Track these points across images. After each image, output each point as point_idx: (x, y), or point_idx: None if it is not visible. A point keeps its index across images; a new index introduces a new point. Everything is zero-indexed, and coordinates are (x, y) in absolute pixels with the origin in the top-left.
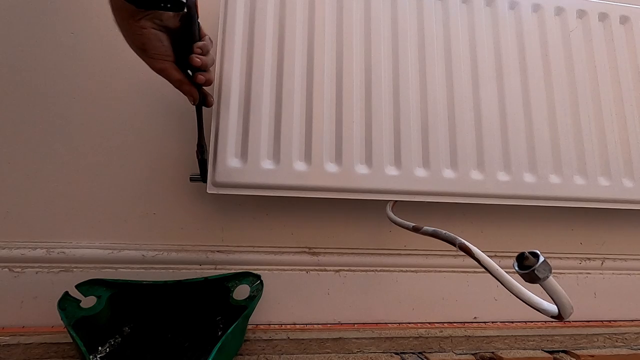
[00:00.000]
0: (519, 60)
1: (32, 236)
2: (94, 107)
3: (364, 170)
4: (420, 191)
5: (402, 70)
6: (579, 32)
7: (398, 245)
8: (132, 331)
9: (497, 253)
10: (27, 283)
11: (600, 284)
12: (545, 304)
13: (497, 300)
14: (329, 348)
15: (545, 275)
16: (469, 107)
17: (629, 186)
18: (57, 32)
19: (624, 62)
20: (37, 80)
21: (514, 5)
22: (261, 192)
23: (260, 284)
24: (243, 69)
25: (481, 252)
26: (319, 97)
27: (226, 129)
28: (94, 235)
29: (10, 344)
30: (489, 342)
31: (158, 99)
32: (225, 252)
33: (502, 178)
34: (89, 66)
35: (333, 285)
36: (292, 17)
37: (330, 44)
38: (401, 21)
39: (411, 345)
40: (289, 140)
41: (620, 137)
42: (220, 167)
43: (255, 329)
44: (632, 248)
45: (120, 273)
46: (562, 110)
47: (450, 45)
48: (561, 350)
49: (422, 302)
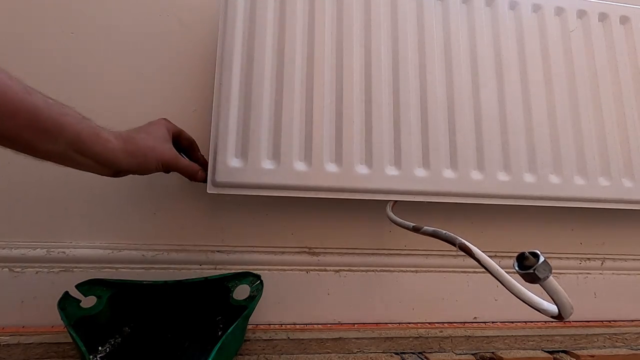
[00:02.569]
0: (519, 60)
1: (32, 236)
2: (94, 107)
3: (364, 170)
4: (420, 191)
5: (402, 70)
6: (579, 32)
7: (398, 245)
8: (132, 331)
9: (497, 253)
10: (27, 283)
11: (600, 284)
12: (545, 304)
13: (497, 300)
14: (329, 348)
15: (545, 275)
16: (469, 107)
17: (629, 186)
18: (58, 32)
19: (624, 62)
20: (37, 80)
21: (514, 5)
22: (261, 192)
23: (260, 284)
24: (243, 69)
25: (481, 252)
26: (319, 97)
27: (226, 129)
28: (94, 235)
29: (10, 344)
30: (489, 342)
31: (158, 100)
32: (225, 252)
33: (502, 178)
34: (89, 66)
35: (333, 285)
36: (292, 17)
37: (330, 44)
38: (401, 21)
39: (411, 345)
40: (289, 140)
41: (620, 137)
42: (220, 167)
43: (255, 329)
44: (632, 248)
45: (120, 273)
46: (562, 110)
47: (450, 45)
48: (561, 350)
49: (422, 302)
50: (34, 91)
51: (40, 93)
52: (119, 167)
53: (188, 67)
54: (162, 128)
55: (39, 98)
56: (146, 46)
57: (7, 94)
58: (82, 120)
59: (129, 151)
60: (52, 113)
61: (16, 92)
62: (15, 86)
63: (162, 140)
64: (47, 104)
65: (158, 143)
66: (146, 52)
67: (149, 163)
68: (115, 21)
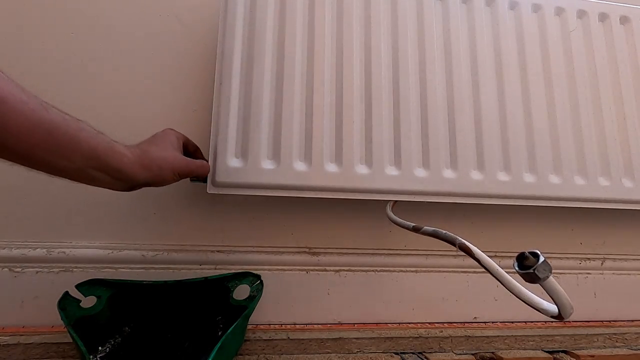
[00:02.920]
0: (519, 60)
1: (32, 236)
2: (94, 108)
3: (364, 170)
4: (420, 191)
5: (402, 70)
6: (579, 32)
7: (398, 245)
8: (132, 331)
9: (497, 253)
10: (27, 283)
11: (600, 284)
12: (545, 304)
13: (497, 300)
14: (329, 348)
15: (545, 275)
16: (469, 107)
17: (629, 186)
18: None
19: (624, 62)
20: (37, 80)
21: (514, 5)
22: (261, 192)
23: (260, 284)
24: (243, 68)
25: (481, 252)
26: (319, 97)
27: (226, 129)
28: (94, 235)
29: (10, 344)
30: (489, 342)
31: (158, 100)
32: (225, 252)
33: (502, 178)
34: (89, 66)
35: (333, 285)
36: (292, 17)
37: (330, 44)
38: (401, 21)
39: (411, 345)
40: (289, 140)
41: (620, 137)
42: (221, 167)
43: (255, 329)
44: (632, 248)
45: (120, 273)
46: (562, 111)
47: (450, 45)
48: (561, 350)
49: (422, 302)
50: (49, 107)
51: (56, 108)
52: (136, 182)
53: (188, 67)
54: (172, 137)
55: (55, 114)
56: (146, 46)
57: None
58: (97, 135)
59: (144, 165)
60: (68, 129)
61: (33, 109)
62: (31, 103)
63: (173, 149)
64: (64, 119)
65: (170, 153)
66: (146, 52)
67: (164, 175)
68: (115, 21)
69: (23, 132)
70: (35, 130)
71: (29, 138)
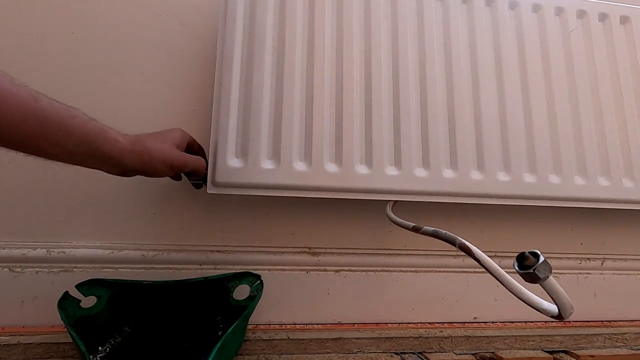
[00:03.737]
0: (519, 60)
1: (32, 236)
2: (94, 107)
3: (364, 170)
4: (420, 191)
5: (402, 70)
6: (579, 32)
7: (398, 245)
8: (132, 331)
9: (497, 253)
10: (27, 283)
11: (600, 284)
12: (545, 304)
13: (497, 300)
14: (329, 348)
15: (545, 275)
16: (469, 107)
17: (629, 186)
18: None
19: (624, 62)
20: (37, 80)
21: (514, 5)
22: (261, 192)
23: (260, 284)
24: (243, 68)
25: (481, 252)
26: (319, 97)
27: (226, 128)
28: (94, 235)
29: (10, 344)
30: (489, 342)
31: (158, 100)
32: (225, 252)
33: (502, 178)
34: (89, 66)
35: (333, 285)
36: (292, 17)
37: (330, 44)
38: (401, 21)
39: (411, 345)
40: (289, 140)
41: (620, 137)
42: (220, 167)
43: (255, 329)
44: (632, 248)
45: (120, 273)
46: (562, 110)
47: (450, 45)
48: (561, 350)
49: (422, 302)
50: (40, 96)
51: (47, 97)
52: (125, 166)
53: (188, 67)
54: (176, 134)
55: (46, 103)
56: (146, 46)
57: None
58: (89, 122)
59: (135, 151)
60: (59, 117)
61: (23, 99)
62: (22, 93)
63: (171, 143)
64: (54, 108)
65: (166, 145)
66: (146, 52)
67: (155, 164)
68: (115, 21)
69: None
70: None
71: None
